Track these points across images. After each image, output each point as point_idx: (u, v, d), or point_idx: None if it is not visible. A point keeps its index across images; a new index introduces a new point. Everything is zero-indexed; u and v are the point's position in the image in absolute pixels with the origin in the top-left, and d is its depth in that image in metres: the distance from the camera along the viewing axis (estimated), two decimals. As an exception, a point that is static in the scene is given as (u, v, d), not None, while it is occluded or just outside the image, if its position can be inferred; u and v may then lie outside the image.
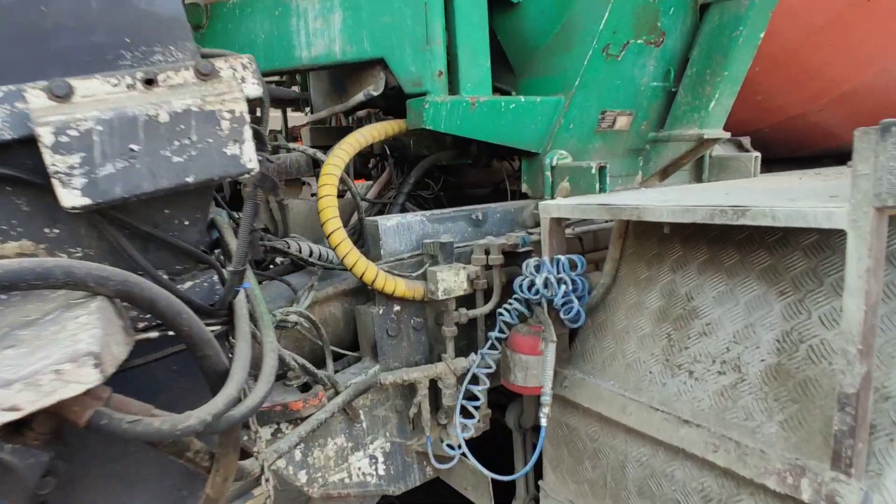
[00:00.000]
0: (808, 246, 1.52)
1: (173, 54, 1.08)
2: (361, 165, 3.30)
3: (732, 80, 2.48)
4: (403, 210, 2.51)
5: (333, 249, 1.89)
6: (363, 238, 2.17)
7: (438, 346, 2.18)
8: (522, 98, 2.26)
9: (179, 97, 0.98)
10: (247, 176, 1.03)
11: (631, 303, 1.95)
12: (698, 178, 3.06)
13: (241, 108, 0.99)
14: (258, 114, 1.26)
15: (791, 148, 4.65)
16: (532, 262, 1.89)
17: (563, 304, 1.83)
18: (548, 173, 2.34)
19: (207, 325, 1.14)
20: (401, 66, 2.13)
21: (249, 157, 1.01)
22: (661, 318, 1.83)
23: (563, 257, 1.86)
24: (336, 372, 2.08)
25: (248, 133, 1.00)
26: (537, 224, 2.39)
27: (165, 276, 1.13)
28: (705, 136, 2.50)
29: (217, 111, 0.99)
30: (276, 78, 6.00)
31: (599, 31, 2.21)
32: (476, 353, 2.04)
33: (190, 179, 0.99)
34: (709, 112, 2.51)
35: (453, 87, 2.20)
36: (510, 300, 1.99)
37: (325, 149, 3.60)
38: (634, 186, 2.82)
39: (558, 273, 1.86)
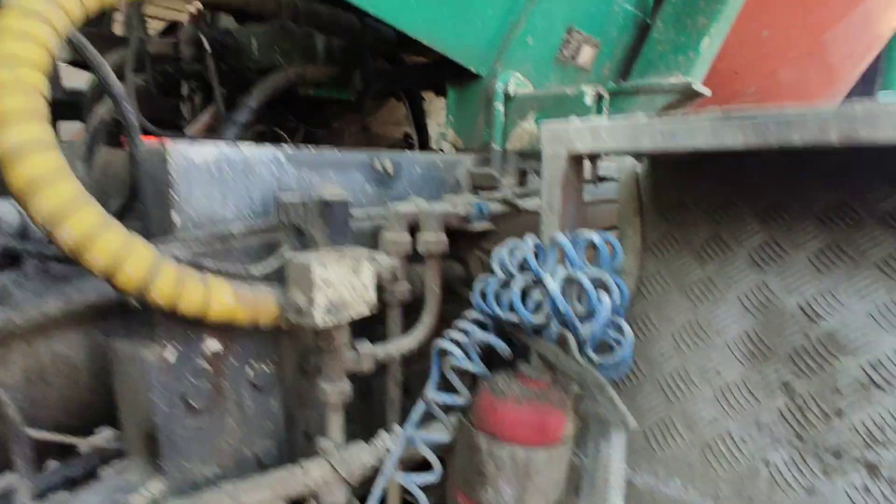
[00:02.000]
0: None
1: None
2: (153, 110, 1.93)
3: (732, 8, 1.78)
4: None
5: (24, 210, 0.68)
6: (140, 196, 0.96)
7: (306, 415, 1.05)
8: (468, -40, 1.27)
9: None
10: None
11: (682, 323, 1.06)
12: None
13: None
14: None
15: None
16: (527, 243, 0.90)
17: (604, 334, 0.86)
18: (499, 106, 1.37)
19: None
20: None
21: None
22: (760, 353, 0.96)
23: (596, 236, 0.89)
24: None
25: None
26: (479, 189, 1.41)
27: None
28: (694, 86, 1.77)
29: None
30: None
31: None
32: (389, 433, 0.98)
33: None
34: (699, 53, 1.78)
35: None
36: (463, 321, 0.97)
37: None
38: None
39: (586, 266, 0.89)
